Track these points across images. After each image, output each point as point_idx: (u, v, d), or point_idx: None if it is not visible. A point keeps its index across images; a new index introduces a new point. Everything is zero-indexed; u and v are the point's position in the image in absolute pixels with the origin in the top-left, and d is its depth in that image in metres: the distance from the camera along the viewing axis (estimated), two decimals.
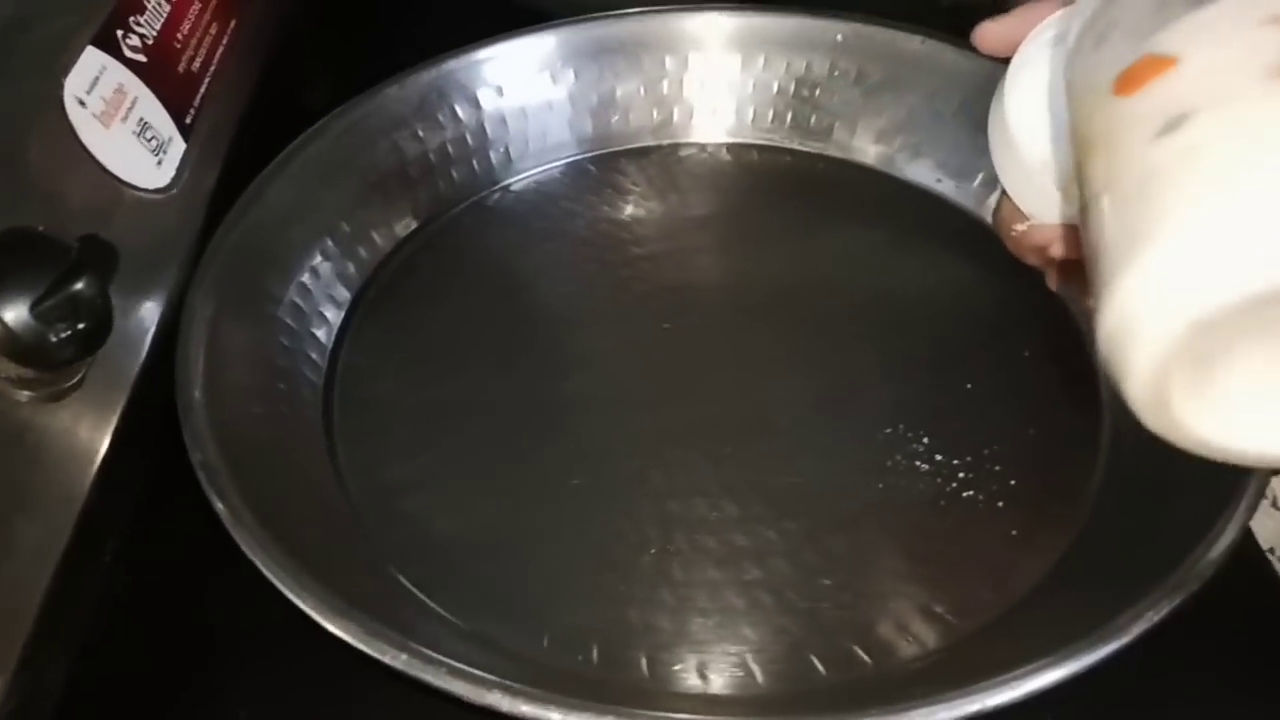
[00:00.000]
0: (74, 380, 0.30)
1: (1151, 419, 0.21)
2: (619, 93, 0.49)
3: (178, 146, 0.38)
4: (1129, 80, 0.21)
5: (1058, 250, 0.28)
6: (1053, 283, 0.31)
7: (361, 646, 0.26)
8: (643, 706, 0.25)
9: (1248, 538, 0.36)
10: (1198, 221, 0.18)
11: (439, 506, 0.35)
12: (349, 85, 0.45)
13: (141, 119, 0.37)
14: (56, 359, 0.28)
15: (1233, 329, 0.19)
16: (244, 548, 0.28)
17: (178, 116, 0.39)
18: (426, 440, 0.37)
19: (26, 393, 0.28)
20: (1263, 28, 0.19)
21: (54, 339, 0.27)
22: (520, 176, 0.48)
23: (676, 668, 0.31)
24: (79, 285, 0.27)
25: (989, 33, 0.29)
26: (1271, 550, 0.44)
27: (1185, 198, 0.19)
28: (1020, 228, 0.30)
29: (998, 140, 0.30)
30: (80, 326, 0.28)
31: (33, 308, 0.27)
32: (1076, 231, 0.24)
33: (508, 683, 0.25)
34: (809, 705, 0.29)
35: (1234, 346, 0.20)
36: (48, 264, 0.27)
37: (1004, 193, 0.31)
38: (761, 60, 0.49)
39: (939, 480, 0.35)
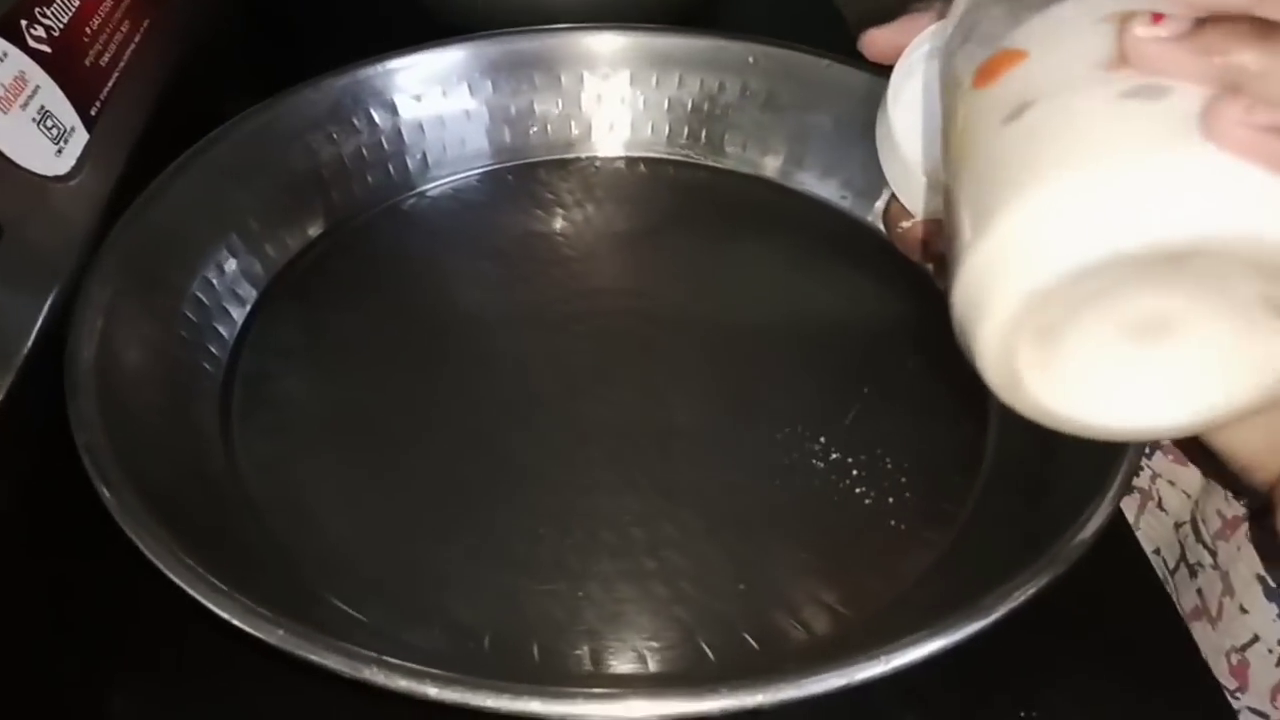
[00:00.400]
0: None
1: (1003, 391, 0.22)
2: (537, 106, 0.50)
3: (80, 137, 0.38)
4: (986, 72, 0.22)
5: (936, 244, 0.30)
6: (938, 278, 0.32)
7: (240, 624, 0.26)
8: (523, 684, 0.25)
9: (1125, 538, 0.38)
10: (1029, 199, 0.19)
11: (336, 503, 0.35)
12: (265, 90, 0.46)
13: (42, 107, 0.37)
14: None
15: (1073, 301, 0.20)
16: (128, 531, 0.28)
17: (82, 108, 0.39)
18: (326, 439, 0.37)
19: None
20: (1098, 25, 0.21)
21: None
22: (437, 183, 0.49)
23: (568, 657, 0.31)
24: None
25: (875, 40, 0.30)
26: (1157, 550, 0.46)
27: (1020, 178, 0.20)
28: (905, 225, 0.31)
29: (883, 142, 0.31)
30: None
31: None
32: None
33: (385, 659, 0.25)
34: (695, 684, 0.29)
35: (1077, 319, 0.21)
36: None
37: (892, 194, 0.32)
38: (677, 78, 0.50)
39: (833, 478, 0.36)
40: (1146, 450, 0.46)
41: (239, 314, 0.40)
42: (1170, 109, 0.19)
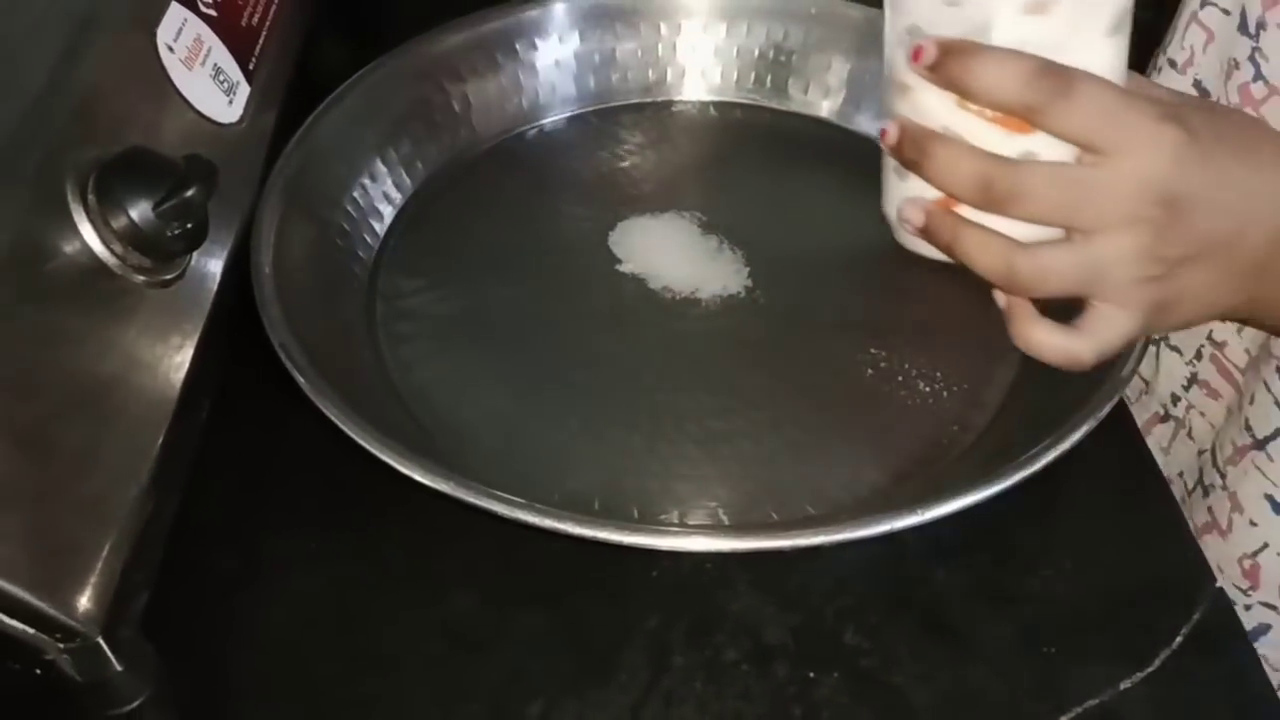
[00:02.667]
0: (178, 272, 0.36)
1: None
2: (618, 54, 0.56)
3: (244, 89, 0.45)
4: None
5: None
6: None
7: (420, 477, 0.33)
8: (634, 529, 0.33)
9: (1127, 432, 0.44)
10: None
11: (463, 393, 0.42)
12: (377, 44, 0.52)
13: (215, 64, 0.44)
14: (169, 251, 0.35)
15: None
16: (321, 407, 0.35)
17: (243, 63, 0.46)
18: (451, 340, 0.44)
19: (141, 278, 0.35)
20: None
21: (169, 235, 0.34)
22: (532, 125, 0.55)
23: (661, 517, 0.38)
24: (190, 193, 0.34)
25: None
26: (1180, 474, 0.51)
27: None
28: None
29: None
30: (188, 226, 0.34)
31: (155, 208, 0.33)
32: None
33: (535, 504, 0.32)
34: (764, 528, 0.36)
35: None
36: (163, 176, 0.34)
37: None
38: (745, 28, 0.56)
39: (883, 380, 0.43)
40: (1184, 383, 0.52)
41: (380, 228, 0.48)
42: None
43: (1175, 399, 0.53)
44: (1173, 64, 0.51)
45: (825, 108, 0.56)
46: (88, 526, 0.30)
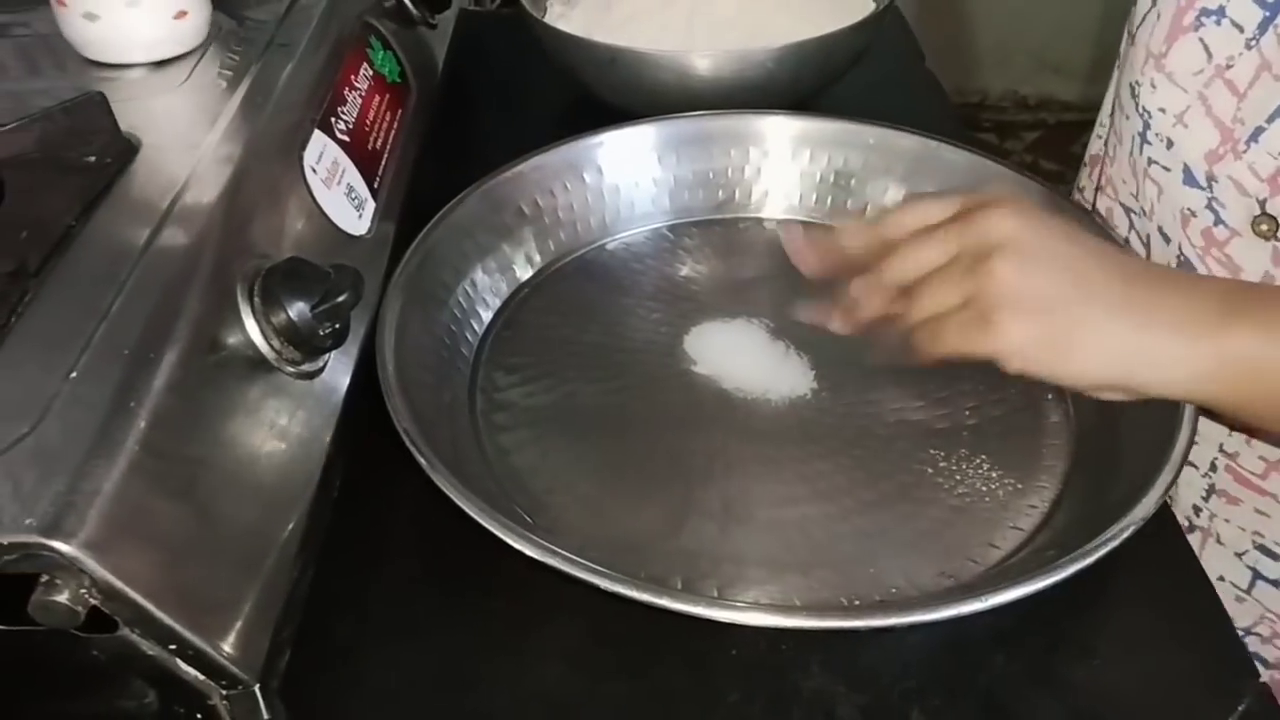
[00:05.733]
0: (320, 365, 0.41)
1: None
2: (693, 175, 0.62)
3: (370, 205, 0.51)
4: None
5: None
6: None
7: (531, 551, 0.37)
8: (722, 605, 0.36)
9: (1170, 531, 0.47)
10: None
11: (555, 480, 0.47)
12: (475, 165, 0.58)
13: (349, 184, 0.50)
14: (318, 348, 0.40)
15: None
16: (439, 483, 0.39)
17: (369, 182, 0.52)
18: (542, 434, 0.49)
19: (291, 369, 0.40)
20: None
21: (320, 333, 0.39)
22: (613, 238, 0.61)
23: (739, 598, 0.42)
24: (342, 298, 0.39)
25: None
26: (1221, 578, 0.54)
27: None
28: None
29: None
30: (336, 326, 0.40)
31: (312, 310, 0.38)
32: None
33: (633, 579, 0.36)
34: (829, 609, 0.40)
35: None
36: (317, 282, 0.40)
37: None
38: (808, 154, 0.61)
39: (941, 476, 0.46)
40: (1203, 494, 0.55)
41: (480, 327, 0.53)
42: None
43: (1197, 510, 0.56)
44: (1137, 210, 0.56)
45: None
46: (250, 586, 0.34)
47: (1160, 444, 0.42)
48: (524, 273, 0.57)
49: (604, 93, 0.67)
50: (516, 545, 0.37)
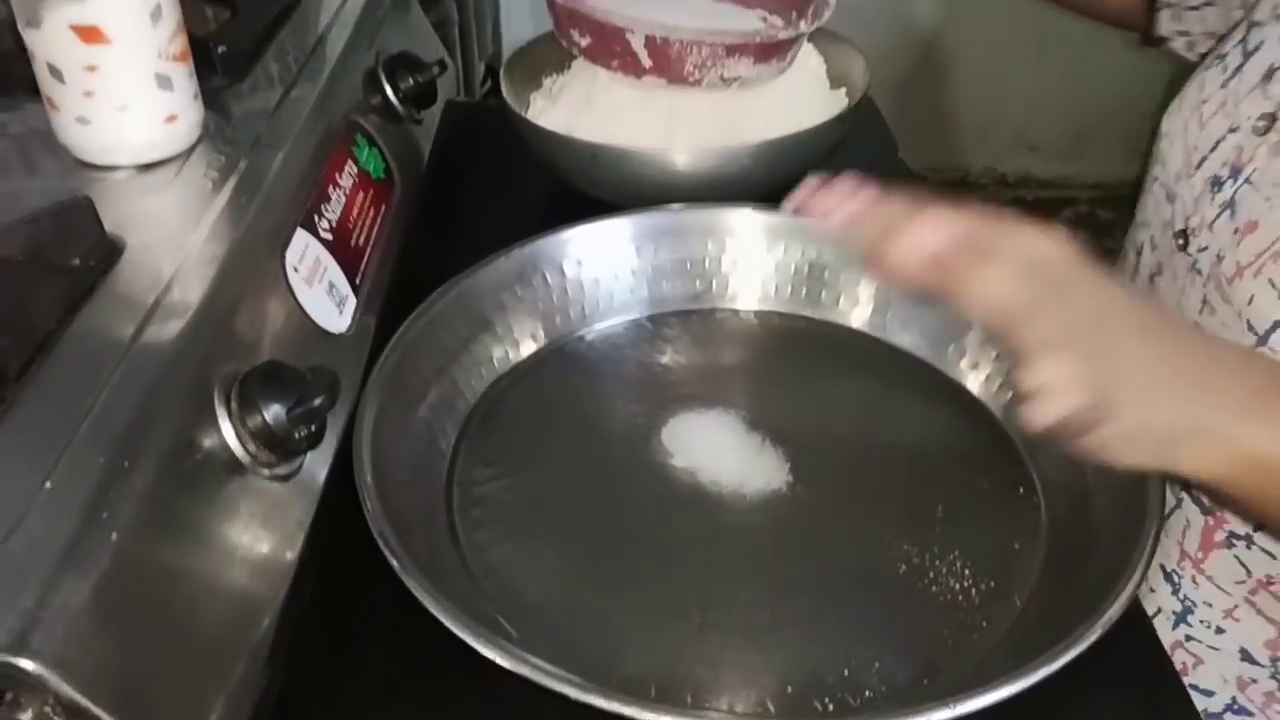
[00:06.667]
0: (295, 467, 0.42)
1: None
2: (670, 266, 0.63)
3: (351, 301, 0.52)
4: None
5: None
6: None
7: (498, 658, 0.37)
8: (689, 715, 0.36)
9: (1141, 629, 0.47)
10: None
11: (532, 577, 0.47)
12: (464, 252, 0.59)
13: (330, 282, 0.51)
14: (293, 451, 0.40)
15: None
16: (413, 590, 0.39)
17: (351, 279, 0.53)
18: (519, 527, 0.49)
19: (266, 472, 0.40)
20: None
21: (296, 436, 0.39)
22: (591, 329, 0.61)
23: (712, 703, 0.41)
24: (318, 401, 0.39)
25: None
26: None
27: None
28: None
29: None
30: (312, 429, 0.40)
31: (288, 413, 0.39)
32: None
33: (602, 688, 0.36)
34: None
35: None
36: (294, 385, 0.40)
37: None
38: (783, 247, 0.63)
39: (916, 575, 0.47)
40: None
41: (458, 421, 0.53)
42: None
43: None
44: None
45: (856, 317, 0.62)
46: (218, 696, 0.34)
47: (1129, 541, 0.43)
48: (503, 365, 0.58)
49: (586, 186, 0.69)
50: (488, 654, 0.37)
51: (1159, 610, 0.57)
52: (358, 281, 0.53)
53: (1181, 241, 0.55)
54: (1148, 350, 0.39)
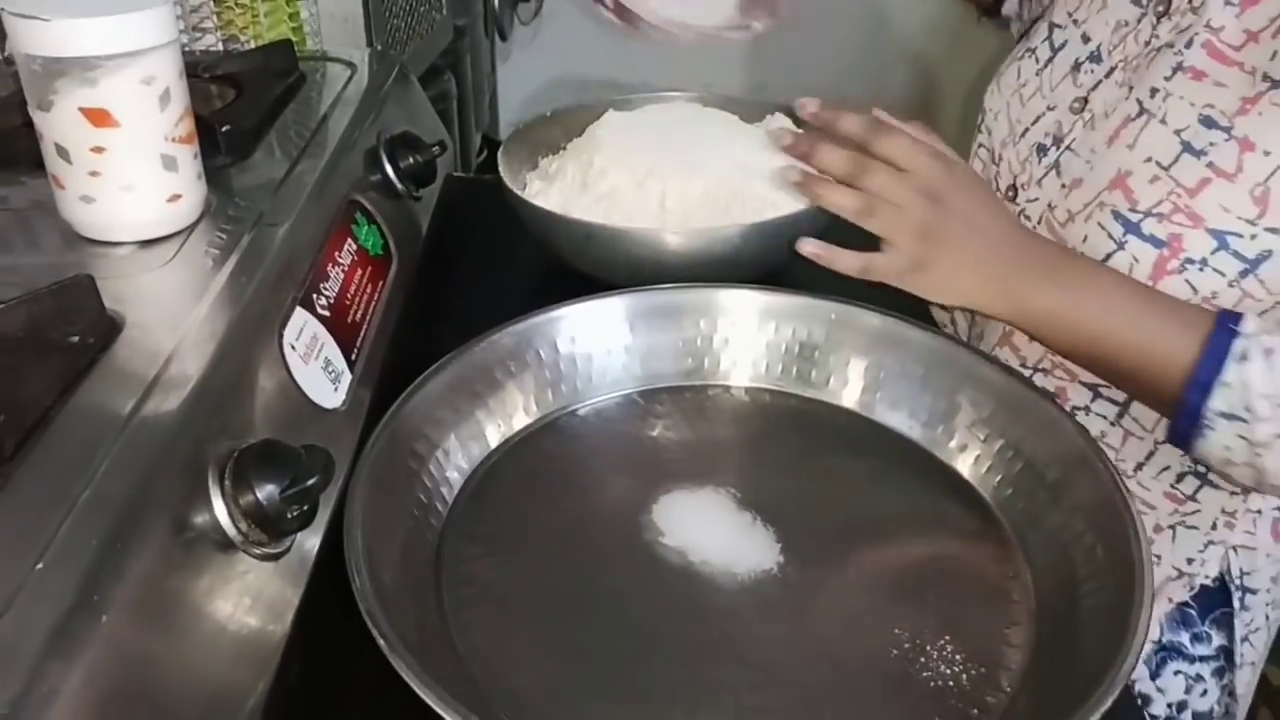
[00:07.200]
0: (286, 546, 0.42)
1: None
2: (664, 344, 0.64)
3: (346, 377, 0.52)
4: None
5: None
6: None
7: None
8: None
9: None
10: None
11: (518, 658, 0.46)
12: (460, 326, 0.60)
13: (326, 358, 0.51)
14: (284, 531, 0.40)
15: None
16: (400, 671, 0.39)
17: (347, 354, 0.53)
18: (507, 608, 0.49)
19: (257, 551, 0.40)
20: None
21: (289, 516, 0.40)
22: (584, 404, 0.62)
23: None
24: (311, 481, 0.40)
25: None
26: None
27: None
28: None
29: None
30: (304, 509, 0.40)
31: (281, 493, 0.39)
32: None
33: None
34: None
35: None
36: (287, 464, 0.40)
37: None
38: (774, 326, 0.64)
39: (906, 660, 0.46)
40: None
41: (449, 497, 0.53)
42: None
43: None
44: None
45: (846, 396, 0.63)
46: None
47: (1118, 627, 0.43)
48: (495, 439, 0.58)
49: (581, 264, 0.70)
50: None
51: None
52: (353, 357, 0.54)
53: (1012, 194, 0.70)
54: (973, 229, 0.58)
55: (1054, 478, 0.53)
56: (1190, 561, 0.67)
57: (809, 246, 0.62)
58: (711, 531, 0.54)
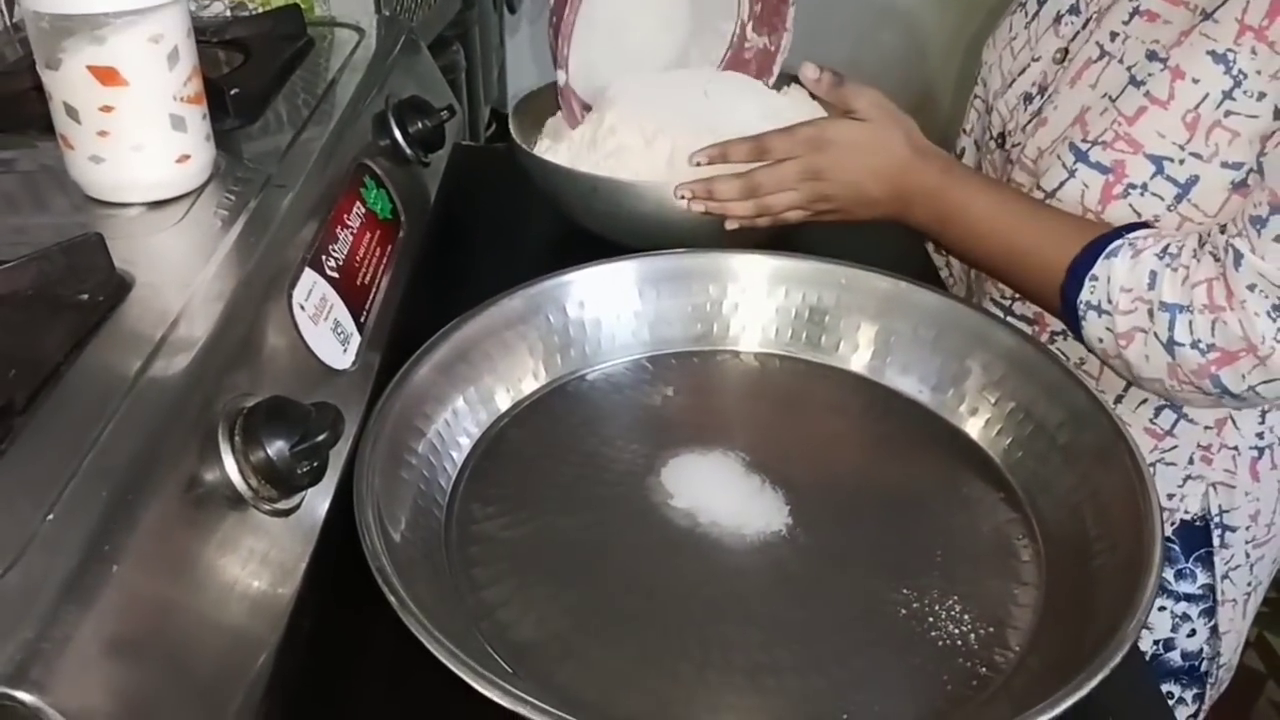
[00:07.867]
0: (296, 503, 0.42)
1: None
2: (673, 309, 0.64)
3: (356, 339, 0.52)
4: None
5: None
6: None
7: (496, 696, 0.37)
8: None
9: (1140, 676, 0.46)
10: None
11: (527, 615, 0.46)
12: (469, 292, 0.60)
13: (336, 319, 0.51)
14: (295, 486, 0.40)
15: None
16: (411, 628, 0.39)
17: (356, 316, 0.53)
18: (517, 567, 0.49)
19: (267, 507, 0.40)
20: None
21: (299, 472, 0.40)
22: (593, 368, 0.62)
23: None
24: (321, 437, 0.40)
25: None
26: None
27: None
28: None
29: None
30: (314, 465, 0.40)
31: (291, 449, 0.39)
32: None
33: None
34: None
35: None
36: (298, 421, 0.40)
37: None
38: (784, 291, 0.63)
39: (914, 621, 0.46)
40: None
41: (459, 458, 0.53)
42: None
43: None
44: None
45: (855, 361, 0.62)
46: None
47: (1127, 588, 0.43)
48: (504, 403, 0.58)
49: (586, 221, 0.70)
50: (485, 692, 0.37)
51: None
52: (363, 319, 0.54)
53: (1001, 141, 0.73)
54: (854, 183, 0.65)
55: (1064, 440, 0.53)
56: (1170, 497, 0.69)
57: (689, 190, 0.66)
58: (721, 494, 0.54)
